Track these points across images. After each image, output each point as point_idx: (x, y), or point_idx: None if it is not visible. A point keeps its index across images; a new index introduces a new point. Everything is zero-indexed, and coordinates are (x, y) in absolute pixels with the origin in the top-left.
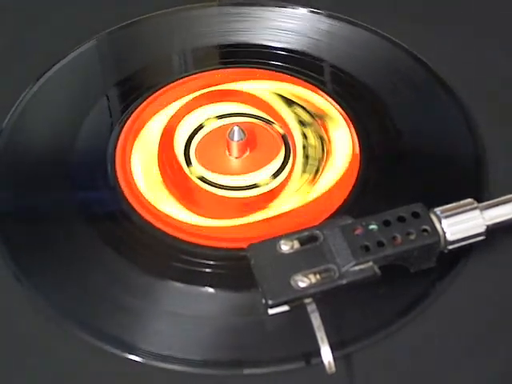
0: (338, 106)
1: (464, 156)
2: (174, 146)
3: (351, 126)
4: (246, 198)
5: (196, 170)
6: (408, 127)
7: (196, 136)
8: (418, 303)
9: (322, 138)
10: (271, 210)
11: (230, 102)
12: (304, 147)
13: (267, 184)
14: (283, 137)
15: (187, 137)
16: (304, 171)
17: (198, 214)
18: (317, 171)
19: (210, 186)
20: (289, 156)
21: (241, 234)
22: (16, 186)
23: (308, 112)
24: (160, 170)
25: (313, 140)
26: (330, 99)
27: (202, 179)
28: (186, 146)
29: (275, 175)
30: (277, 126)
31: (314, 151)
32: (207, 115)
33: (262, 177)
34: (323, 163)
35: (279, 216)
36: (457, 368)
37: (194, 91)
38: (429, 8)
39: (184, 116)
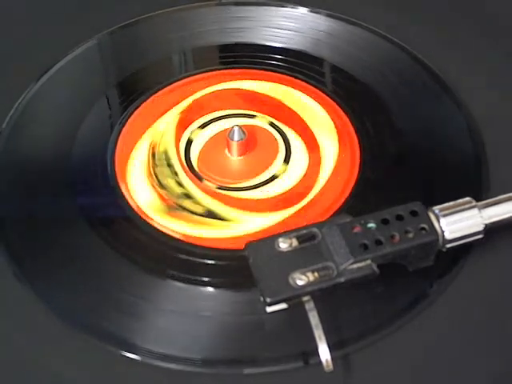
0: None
1: (464, 156)
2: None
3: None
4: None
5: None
6: (408, 127)
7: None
8: (417, 302)
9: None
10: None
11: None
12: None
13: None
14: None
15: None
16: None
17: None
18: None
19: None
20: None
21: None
22: (16, 186)
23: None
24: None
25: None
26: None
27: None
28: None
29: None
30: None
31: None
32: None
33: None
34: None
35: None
36: (456, 368)
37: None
38: (429, 8)
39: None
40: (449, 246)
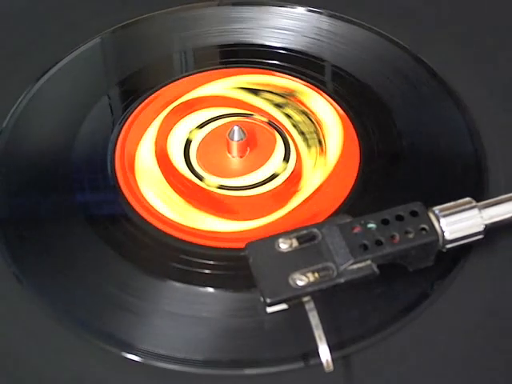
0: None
1: (464, 156)
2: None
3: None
4: (272, 190)
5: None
6: (408, 127)
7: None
8: (417, 303)
9: (304, 112)
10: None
11: (202, 110)
12: (294, 126)
13: (285, 170)
14: (269, 123)
15: (183, 147)
16: (309, 146)
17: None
18: (320, 142)
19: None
20: (286, 139)
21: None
22: (16, 186)
23: (276, 94)
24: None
25: (297, 117)
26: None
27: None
28: (185, 150)
29: (286, 159)
30: (258, 116)
31: (304, 126)
32: (188, 128)
33: (276, 166)
34: (320, 132)
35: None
36: (456, 368)
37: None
38: (429, 8)
39: (167, 134)
40: (449, 246)
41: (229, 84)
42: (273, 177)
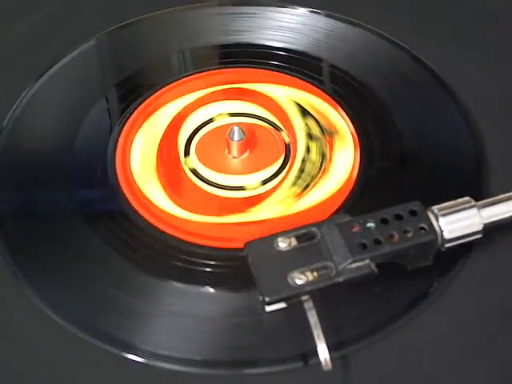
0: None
1: (463, 155)
2: (178, 138)
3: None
4: (229, 198)
5: (191, 161)
6: (408, 127)
7: (201, 130)
8: (417, 302)
9: (323, 156)
10: (250, 215)
11: (244, 102)
12: (303, 161)
13: (254, 189)
14: (286, 146)
15: (193, 129)
16: (294, 184)
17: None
18: (306, 187)
19: (200, 181)
20: (285, 166)
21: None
22: (16, 185)
23: (320, 126)
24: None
25: (314, 155)
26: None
27: (194, 172)
28: (188, 139)
29: (264, 182)
30: (284, 134)
31: (311, 167)
32: (219, 111)
33: (252, 181)
34: (315, 180)
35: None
36: (456, 368)
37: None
38: (429, 8)
39: (196, 108)
40: (448, 245)
41: (289, 93)
42: (240, 188)
